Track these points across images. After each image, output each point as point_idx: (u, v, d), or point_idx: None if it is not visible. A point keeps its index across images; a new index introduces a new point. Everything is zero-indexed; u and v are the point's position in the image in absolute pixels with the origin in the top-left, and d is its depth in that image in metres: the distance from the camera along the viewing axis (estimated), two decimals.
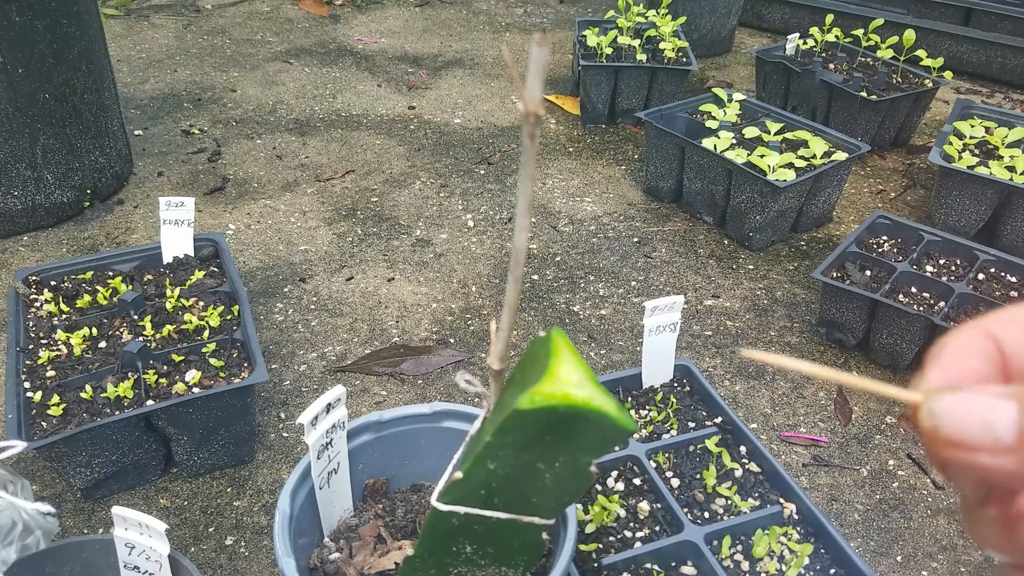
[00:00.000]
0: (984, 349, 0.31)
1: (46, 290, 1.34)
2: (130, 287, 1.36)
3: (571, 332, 1.56)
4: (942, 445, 0.27)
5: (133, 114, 2.31)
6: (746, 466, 1.07)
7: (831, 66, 2.37)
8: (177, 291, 1.33)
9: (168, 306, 1.30)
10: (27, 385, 1.15)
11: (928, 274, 1.52)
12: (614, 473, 1.06)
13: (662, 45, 2.35)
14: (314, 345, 1.49)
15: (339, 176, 2.06)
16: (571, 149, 2.26)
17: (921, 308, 1.45)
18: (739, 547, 0.96)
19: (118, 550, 0.85)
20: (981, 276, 1.54)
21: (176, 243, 1.44)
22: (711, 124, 1.98)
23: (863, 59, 2.41)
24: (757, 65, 2.46)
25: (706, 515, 1.00)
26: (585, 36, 2.41)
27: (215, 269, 1.43)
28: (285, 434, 1.31)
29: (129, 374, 1.18)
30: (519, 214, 0.52)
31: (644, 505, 1.00)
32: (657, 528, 0.98)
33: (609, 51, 2.31)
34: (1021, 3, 2.70)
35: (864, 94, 2.13)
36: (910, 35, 2.18)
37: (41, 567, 0.89)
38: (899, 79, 2.29)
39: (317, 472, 0.85)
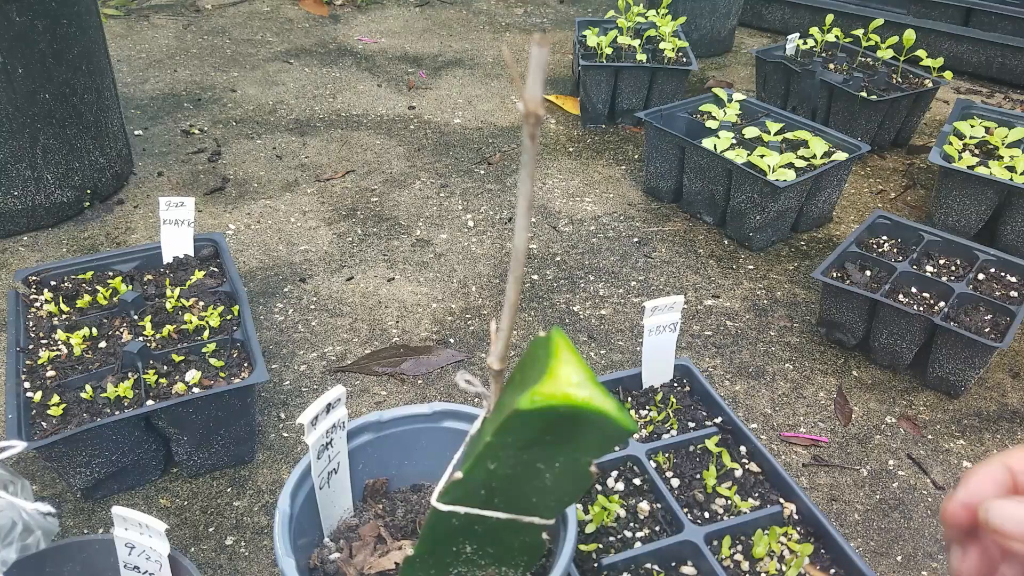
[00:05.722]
0: (999, 476, 0.45)
1: (46, 290, 1.33)
2: (130, 287, 1.36)
3: (571, 332, 1.56)
4: (990, 532, 0.43)
5: (133, 114, 2.31)
6: (746, 466, 1.07)
7: (831, 66, 2.37)
8: (177, 291, 1.33)
9: (168, 306, 1.30)
10: (27, 385, 1.15)
11: (928, 274, 1.52)
12: (614, 473, 1.06)
13: (662, 45, 2.35)
14: (314, 345, 1.49)
15: (339, 176, 2.06)
16: (571, 149, 2.26)
17: (921, 308, 1.45)
18: (739, 547, 0.96)
19: (118, 550, 0.85)
20: (981, 276, 1.54)
21: (176, 243, 1.44)
22: (711, 124, 1.98)
23: (863, 59, 2.41)
24: (757, 65, 2.46)
25: (706, 515, 1.00)
26: (585, 36, 2.41)
27: (215, 269, 1.43)
28: (285, 434, 1.31)
29: (129, 374, 1.18)
30: (519, 214, 0.52)
31: (644, 505, 1.00)
32: (657, 528, 0.98)
33: (609, 51, 2.31)
34: (1021, 3, 2.70)
35: (864, 94, 2.13)
36: (910, 35, 2.18)
37: (41, 567, 0.89)
38: (899, 79, 2.29)
39: (317, 472, 0.85)
